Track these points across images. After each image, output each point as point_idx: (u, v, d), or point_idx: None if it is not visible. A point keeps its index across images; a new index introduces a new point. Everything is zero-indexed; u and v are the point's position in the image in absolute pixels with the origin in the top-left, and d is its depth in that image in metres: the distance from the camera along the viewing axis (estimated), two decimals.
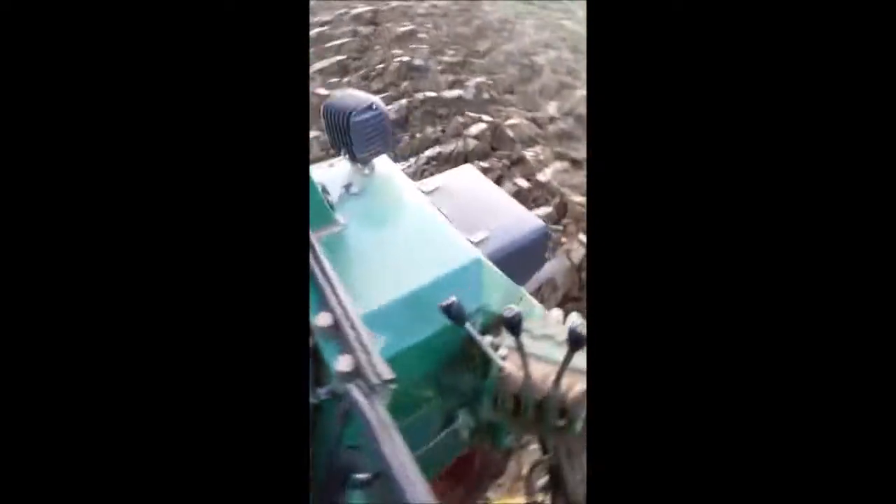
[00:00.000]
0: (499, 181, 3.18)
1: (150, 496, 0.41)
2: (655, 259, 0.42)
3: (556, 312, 0.98)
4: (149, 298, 0.43)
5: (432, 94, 4.03)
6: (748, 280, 0.40)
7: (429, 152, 3.46)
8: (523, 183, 3.30)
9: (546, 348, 0.89)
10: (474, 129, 3.69)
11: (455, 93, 4.10)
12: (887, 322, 0.37)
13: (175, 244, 0.44)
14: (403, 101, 3.91)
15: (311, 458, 0.64)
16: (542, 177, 3.37)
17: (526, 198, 3.13)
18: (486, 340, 0.88)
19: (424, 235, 1.04)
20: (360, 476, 0.57)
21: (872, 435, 0.37)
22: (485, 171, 3.05)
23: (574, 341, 0.72)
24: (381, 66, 4.34)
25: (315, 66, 4.17)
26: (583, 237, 2.94)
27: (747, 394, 0.40)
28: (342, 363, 0.65)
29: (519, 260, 1.47)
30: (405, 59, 4.42)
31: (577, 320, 0.86)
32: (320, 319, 0.71)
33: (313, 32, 4.61)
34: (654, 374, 0.42)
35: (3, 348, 0.39)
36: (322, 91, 3.82)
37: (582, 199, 3.20)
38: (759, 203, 0.40)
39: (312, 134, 3.16)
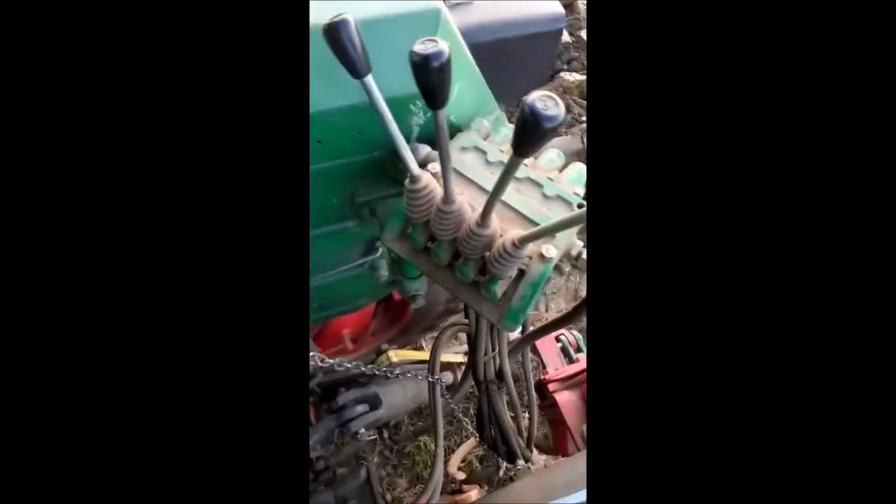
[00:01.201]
0: None
1: (135, 474, 0.41)
2: (655, 255, 0.43)
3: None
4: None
5: None
6: (749, 260, 0.41)
7: None
8: None
9: (494, 181, 0.58)
10: None
11: None
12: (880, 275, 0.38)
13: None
14: None
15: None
16: None
17: None
18: (407, 142, 0.59)
19: None
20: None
21: (871, 416, 0.38)
22: None
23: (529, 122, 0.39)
24: None
25: None
26: None
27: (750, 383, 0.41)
28: None
29: (508, 57, 0.99)
30: None
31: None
32: None
33: None
34: (653, 367, 0.43)
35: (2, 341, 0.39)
36: None
37: None
38: (758, 191, 0.41)
39: None
